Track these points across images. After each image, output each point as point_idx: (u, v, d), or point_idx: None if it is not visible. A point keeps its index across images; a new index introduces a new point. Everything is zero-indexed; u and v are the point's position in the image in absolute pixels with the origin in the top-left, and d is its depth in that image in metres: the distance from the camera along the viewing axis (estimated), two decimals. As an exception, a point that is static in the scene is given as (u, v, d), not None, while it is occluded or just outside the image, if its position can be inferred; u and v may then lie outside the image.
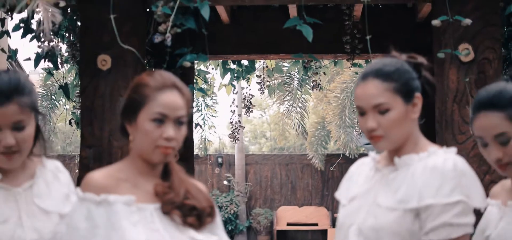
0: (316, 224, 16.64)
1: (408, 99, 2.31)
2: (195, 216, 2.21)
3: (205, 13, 3.68)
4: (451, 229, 2.13)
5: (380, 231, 2.22)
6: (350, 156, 15.00)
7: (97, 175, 2.22)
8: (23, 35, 5.06)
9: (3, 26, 4.64)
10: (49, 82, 10.20)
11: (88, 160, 4.19)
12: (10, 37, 4.90)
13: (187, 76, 5.07)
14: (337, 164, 16.35)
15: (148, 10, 4.35)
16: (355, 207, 2.35)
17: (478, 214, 2.33)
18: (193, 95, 5.49)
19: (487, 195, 2.42)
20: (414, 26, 5.38)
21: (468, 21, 3.79)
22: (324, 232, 16.50)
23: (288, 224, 16.74)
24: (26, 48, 6.93)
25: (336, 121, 14.71)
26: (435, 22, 3.88)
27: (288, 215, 16.84)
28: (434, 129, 4.41)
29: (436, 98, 4.39)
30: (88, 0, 4.15)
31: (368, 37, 4.20)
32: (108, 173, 2.25)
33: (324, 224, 16.44)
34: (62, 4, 3.16)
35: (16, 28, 4.99)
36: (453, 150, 2.26)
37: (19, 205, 2.30)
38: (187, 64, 3.94)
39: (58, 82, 6.44)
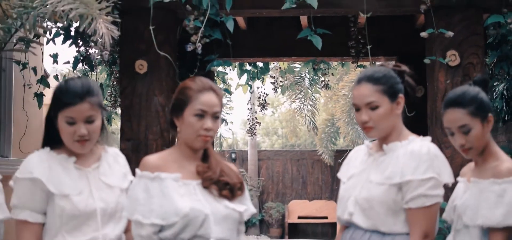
0: (325, 217, 16.91)
1: (393, 98, 2.96)
2: (228, 190, 2.85)
3: (230, 25, 4.33)
4: (425, 199, 2.78)
5: (372, 201, 2.87)
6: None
7: (152, 158, 2.88)
8: (64, 41, 5.67)
9: (50, 34, 5.23)
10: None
11: (128, 151, 4.82)
12: (55, 44, 5.50)
13: (208, 77, 5.68)
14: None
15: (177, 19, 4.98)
16: (353, 183, 3.00)
17: (448, 189, 2.97)
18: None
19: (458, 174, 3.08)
20: (412, 32, 5.89)
21: (450, 33, 4.42)
22: (333, 225, 16.68)
23: (299, 217, 17.00)
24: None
25: (344, 118, 15.24)
26: (423, 34, 4.51)
27: (299, 209, 17.10)
28: (426, 123, 5.04)
29: (428, 97, 5.03)
30: (127, 13, 4.77)
31: (369, 47, 4.83)
32: (160, 157, 2.90)
33: (334, 217, 16.33)
34: (110, 18, 3.80)
35: (56, 34, 5.59)
36: (428, 138, 2.91)
37: (90, 181, 2.94)
38: (214, 68, 4.58)
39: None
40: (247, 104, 7.75)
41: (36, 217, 2.82)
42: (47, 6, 3.63)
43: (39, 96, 5.82)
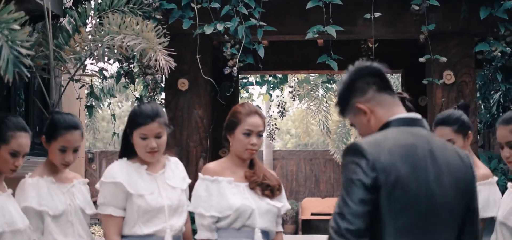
0: (338, 214, 17.45)
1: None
2: (269, 190, 3.69)
3: (261, 53, 5.18)
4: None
5: None
6: None
7: (211, 166, 3.74)
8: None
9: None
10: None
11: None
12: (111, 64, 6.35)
13: (231, 86, 6.48)
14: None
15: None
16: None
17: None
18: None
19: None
20: (417, 48, 6.41)
21: (444, 59, 5.26)
22: (344, 221, 17.19)
23: (312, 214, 17.47)
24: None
25: (355, 120, 15.96)
26: (422, 59, 5.35)
27: (312, 206, 17.58)
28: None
29: (428, 109, 5.86)
30: (171, 39, 5.55)
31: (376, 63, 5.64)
32: (217, 164, 3.76)
33: (345, 214, 17.03)
34: (160, 46, 4.64)
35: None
36: None
37: (158, 183, 3.77)
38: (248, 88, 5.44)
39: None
40: (268, 111, 8.58)
41: (118, 212, 3.64)
42: (115, 40, 4.47)
43: (90, 108, 6.69)
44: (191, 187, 3.84)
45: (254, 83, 7.37)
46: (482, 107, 9.02)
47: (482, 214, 3.55)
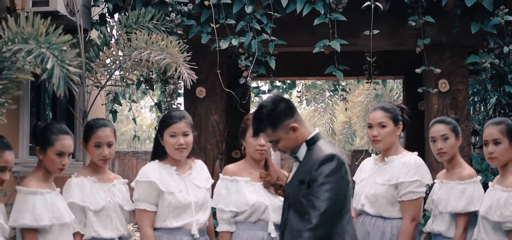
0: (344, 211, 18.02)
1: (395, 123, 4.34)
2: (282, 189, 4.23)
3: (272, 64, 5.73)
4: (413, 194, 4.18)
5: (377, 196, 4.27)
6: (373, 152, 16.65)
7: (230, 167, 4.30)
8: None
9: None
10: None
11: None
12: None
13: (245, 93, 7.00)
14: (362, 159, 17.77)
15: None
16: (364, 184, 4.39)
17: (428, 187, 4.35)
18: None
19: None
20: (416, 55, 6.75)
21: (438, 70, 5.79)
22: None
23: None
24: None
25: (360, 122, 16.62)
26: (418, 70, 5.88)
27: None
28: (423, 137, 6.37)
29: (425, 114, 6.37)
30: (190, 50, 6.10)
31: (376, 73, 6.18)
32: (235, 166, 4.32)
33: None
34: (181, 58, 5.17)
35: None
36: (415, 153, 4.30)
37: (186, 183, 4.31)
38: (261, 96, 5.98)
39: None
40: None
41: (151, 207, 4.18)
42: (142, 55, 5.01)
43: (114, 113, 7.23)
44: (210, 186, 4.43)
45: (266, 92, 7.89)
46: (482, 109, 9.49)
47: (468, 208, 4.10)
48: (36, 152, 4.05)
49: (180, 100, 6.78)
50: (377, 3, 5.74)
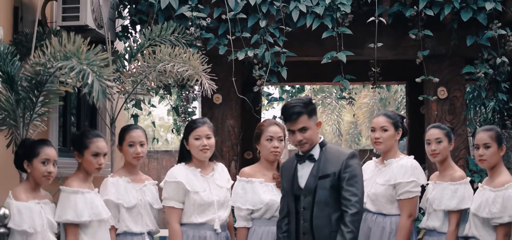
0: (350, 209, 18.49)
1: (396, 129, 4.86)
2: (293, 188, 4.76)
3: (284, 74, 6.24)
4: (409, 193, 4.71)
5: (377, 195, 4.79)
6: (378, 152, 17.03)
7: (247, 169, 4.82)
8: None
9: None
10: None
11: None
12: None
13: (257, 98, 7.51)
14: (367, 158, 18.26)
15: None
16: (366, 184, 4.87)
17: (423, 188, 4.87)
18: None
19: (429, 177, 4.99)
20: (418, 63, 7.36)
21: (436, 79, 6.29)
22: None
23: None
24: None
25: (366, 123, 17.11)
26: (418, 80, 6.38)
27: None
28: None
29: (425, 120, 6.87)
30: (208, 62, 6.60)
31: (380, 79, 6.68)
32: (251, 168, 4.85)
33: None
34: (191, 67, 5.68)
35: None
36: (411, 156, 4.82)
37: (209, 183, 4.82)
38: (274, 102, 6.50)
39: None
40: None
41: (179, 205, 4.70)
42: (167, 66, 5.51)
43: (135, 117, 7.76)
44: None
45: (278, 99, 8.38)
46: (483, 112, 9.96)
47: (460, 206, 4.62)
48: (75, 157, 4.59)
49: (195, 104, 7.30)
50: (381, 18, 6.23)
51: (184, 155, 4.88)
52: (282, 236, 4.41)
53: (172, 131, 9.15)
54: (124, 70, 6.03)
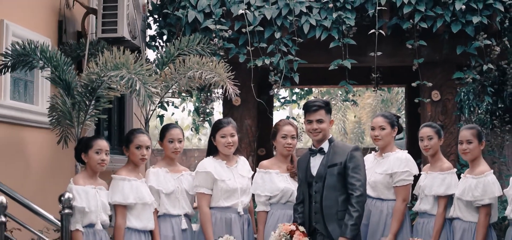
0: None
1: (392, 127, 5.72)
2: (305, 177, 5.61)
3: (296, 79, 7.10)
4: (404, 181, 5.57)
5: (377, 182, 5.65)
6: (377, 148, 17.62)
7: (265, 162, 5.69)
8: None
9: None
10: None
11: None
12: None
13: (270, 101, 8.39)
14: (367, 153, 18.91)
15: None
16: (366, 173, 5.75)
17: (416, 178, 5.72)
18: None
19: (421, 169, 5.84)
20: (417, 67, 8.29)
21: (429, 84, 7.13)
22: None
23: None
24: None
25: (369, 122, 17.86)
26: (414, 84, 7.23)
27: None
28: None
29: (421, 120, 7.69)
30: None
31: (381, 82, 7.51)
32: (268, 161, 5.71)
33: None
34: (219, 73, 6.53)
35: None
36: (405, 151, 5.68)
37: (233, 173, 5.64)
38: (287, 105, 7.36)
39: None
40: (296, 116, 10.46)
41: (208, 191, 5.53)
42: (195, 74, 6.36)
43: (161, 117, 8.60)
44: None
45: (291, 102, 9.19)
46: (478, 111, 10.74)
47: (447, 192, 5.46)
48: (123, 151, 5.47)
49: (214, 105, 8.09)
50: (381, 30, 7.08)
51: (212, 149, 5.71)
52: (298, 216, 5.25)
53: (191, 130, 9.97)
54: (157, 76, 6.88)
